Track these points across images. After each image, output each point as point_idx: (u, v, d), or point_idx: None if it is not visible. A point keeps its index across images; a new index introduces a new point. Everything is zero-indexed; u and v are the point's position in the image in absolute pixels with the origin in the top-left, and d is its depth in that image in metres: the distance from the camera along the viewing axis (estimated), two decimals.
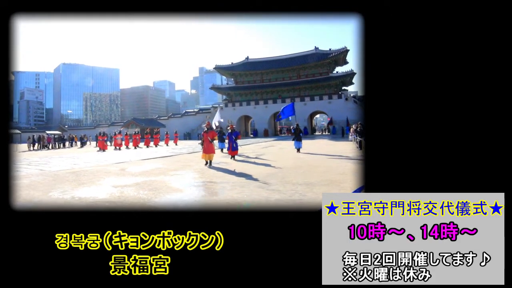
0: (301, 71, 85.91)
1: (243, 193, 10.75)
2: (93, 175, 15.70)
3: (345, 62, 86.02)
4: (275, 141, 51.20)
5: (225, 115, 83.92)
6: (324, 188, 11.27)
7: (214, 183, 12.97)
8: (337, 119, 74.98)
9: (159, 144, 50.20)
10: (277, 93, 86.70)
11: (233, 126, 25.01)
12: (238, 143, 24.59)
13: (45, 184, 12.96)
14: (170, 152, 31.33)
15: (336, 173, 14.84)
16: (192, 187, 12.06)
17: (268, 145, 39.99)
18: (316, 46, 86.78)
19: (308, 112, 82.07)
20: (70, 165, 20.27)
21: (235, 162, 20.80)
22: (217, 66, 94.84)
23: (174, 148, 39.55)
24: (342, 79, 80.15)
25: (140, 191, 11.18)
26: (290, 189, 11.22)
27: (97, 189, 11.74)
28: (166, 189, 11.57)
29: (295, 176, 14.37)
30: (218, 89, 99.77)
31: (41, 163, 22.11)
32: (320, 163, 19.04)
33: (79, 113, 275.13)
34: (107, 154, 30.30)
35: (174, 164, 20.59)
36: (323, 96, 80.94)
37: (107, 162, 22.41)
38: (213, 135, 19.86)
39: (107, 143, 43.53)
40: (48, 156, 30.62)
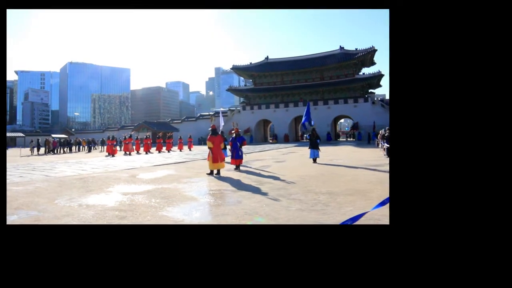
0: (325, 72, 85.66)
1: (262, 202, 10.73)
2: (102, 181, 15.79)
3: (372, 63, 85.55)
4: (296, 147, 51.09)
5: (243, 119, 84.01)
6: (348, 198, 11.19)
7: (231, 191, 12.96)
8: (363, 124, 74.77)
9: (172, 149, 50.48)
10: (299, 96, 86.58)
11: (238, 130, 23.18)
12: (245, 150, 23.79)
13: (51, 191, 13.04)
14: (183, 158, 31.44)
15: (361, 182, 14.77)
16: (207, 196, 12.07)
17: (288, 151, 39.97)
18: (341, 46, 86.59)
19: (332, 116, 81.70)
20: (77, 171, 20.39)
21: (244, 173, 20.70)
22: (235, 66, 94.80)
23: (188, 153, 39.67)
24: (369, 81, 79.66)
25: (151, 199, 11.22)
26: (312, 199, 11.17)
27: (106, 197, 11.82)
28: (180, 198, 11.59)
29: (317, 185, 14.31)
30: (236, 91, 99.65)
31: (46, 169, 22.28)
32: (344, 171, 18.99)
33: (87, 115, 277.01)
34: (117, 160, 30.46)
35: (188, 170, 20.66)
36: (348, 100, 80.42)
37: (116, 168, 22.53)
38: (221, 140, 18.98)
39: (117, 148, 43.81)
40: (53, 161, 30.91)
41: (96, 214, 9.22)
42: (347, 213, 8.80)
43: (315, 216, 8.86)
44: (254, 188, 13.61)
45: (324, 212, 9.27)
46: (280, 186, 13.91)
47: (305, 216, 8.82)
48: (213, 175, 18.05)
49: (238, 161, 21.25)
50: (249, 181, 15.58)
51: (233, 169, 20.76)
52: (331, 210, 9.56)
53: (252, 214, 9.05)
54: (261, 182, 15.36)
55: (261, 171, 19.88)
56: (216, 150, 18.25)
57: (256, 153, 37.57)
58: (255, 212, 9.34)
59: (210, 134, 18.84)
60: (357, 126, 77.18)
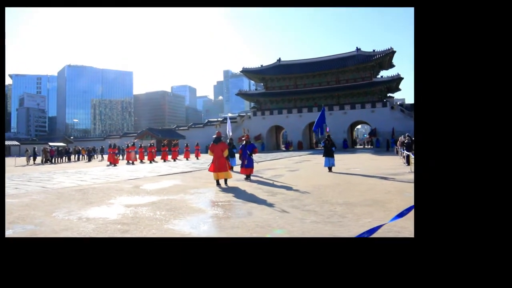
0: (341, 75, 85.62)
1: (274, 214, 10.73)
2: (103, 193, 15.86)
3: (391, 65, 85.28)
4: (310, 155, 51.10)
5: (254, 125, 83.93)
6: (366, 209, 11.19)
7: (241, 202, 12.98)
8: (382, 130, 74.56)
9: (178, 158, 50.60)
10: (313, 100, 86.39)
11: (248, 137, 23.16)
12: (255, 158, 23.72)
13: (48, 203, 13.12)
14: (190, 167, 31.56)
15: (380, 192, 14.77)
16: (216, 207, 12.08)
17: (302, 160, 39.98)
18: (358, 47, 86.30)
19: (348, 122, 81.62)
20: (77, 182, 20.52)
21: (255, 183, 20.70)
22: (245, 69, 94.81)
23: (195, 162, 39.81)
24: (387, 84, 79.41)
25: (156, 212, 11.24)
26: (328, 210, 11.18)
27: (107, 209, 11.86)
28: (186, 209, 11.62)
29: (333, 195, 14.32)
30: (246, 95, 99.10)
31: (43, 179, 22.42)
32: (362, 181, 19.02)
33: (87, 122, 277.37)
34: (119, 169, 30.65)
35: (195, 181, 20.71)
36: (365, 104, 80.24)
37: (118, 178, 22.64)
38: (225, 147, 18.74)
39: (119, 157, 43.94)
40: (51, 171, 31.10)
41: (97, 228, 9.23)
42: (365, 225, 8.79)
43: (331, 228, 8.86)
44: (265, 199, 13.61)
45: (341, 224, 9.27)
46: (294, 197, 13.92)
47: (320, 229, 8.82)
48: (221, 185, 18.05)
49: (248, 170, 21.17)
50: (261, 192, 15.59)
51: (243, 179, 20.77)
52: (348, 222, 9.56)
53: (264, 227, 9.05)
54: (273, 192, 15.37)
55: (273, 180, 19.91)
56: (216, 159, 18.14)
57: (267, 162, 37.63)
58: (267, 224, 9.35)
59: (212, 142, 18.81)
60: (375, 132, 76.99)
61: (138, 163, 41.18)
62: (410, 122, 71.36)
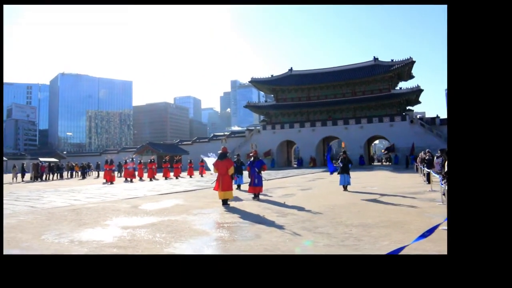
0: (357, 86, 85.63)
1: (284, 236, 10.73)
2: (98, 213, 15.90)
3: (410, 76, 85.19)
4: (324, 172, 50.96)
5: (263, 140, 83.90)
6: (384, 231, 11.21)
7: (248, 224, 12.99)
8: (400, 146, 74.36)
9: (181, 175, 50.67)
10: (327, 113, 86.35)
11: (257, 153, 22.97)
12: (264, 175, 23.40)
13: (37, 225, 13.15)
14: (194, 185, 31.61)
15: (398, 213, 14.82)
16: (221, 229, 12.12)
17: (315, 177, 39.99)
18: (375, 56, 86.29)
19: (365, 137, 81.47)
20: (69, 201, 20.58)
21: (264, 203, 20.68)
22: (254, 79, 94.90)
23: (199, 180, 39.83)
24: (406, 96, 79.36)
25: (156, 234, 11.26)
26: (342, 232, 11.19)
27: (102, 231, 11.89)
28: (189, 232, 11.64)
29: (348, 216, 14.34)
30: (255, 107, 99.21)
31: (32, 198, 22.47)
32: (379, 200, 19.09)
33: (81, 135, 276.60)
34: (116, 188, 30.71)
35: (199, 200, 20.73)
36: (383, 118, 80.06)
37: (115, 197, 22.68)
38: (230, 164, 18.77)
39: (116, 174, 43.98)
40: (41, 189, 31.24)
41: (90, 251, 9.26)
42: (383, 248, 8.79)
43: (345, 252, 8.86)
44: (275, 220, 13.62)
45: (357, 248, 9.26)
46: (306, 218, 13.92)
47: (334, 253, 8.80)
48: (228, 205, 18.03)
49: (257, 189, 21.09)
50: (270, 212, 15.60)
51: (251, 198, 20.79)
52: (364, 245, 9.56)
53: (273, 251, 9.05)
54: (283, 213, 15.37)
55: (284, 200, 19.87)
56: (220, 177, 18.21)
57: (278, 180, 37.67)
58: (277, 248, 9.34)
59: (217, 158, 18.89)
60: (392, 148, 76.82)
61: (137, 181, 41.15)
62: (430, 138, 71.58)
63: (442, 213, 12.77)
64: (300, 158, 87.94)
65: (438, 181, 18.55)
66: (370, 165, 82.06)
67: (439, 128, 75.47)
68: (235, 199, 19.32)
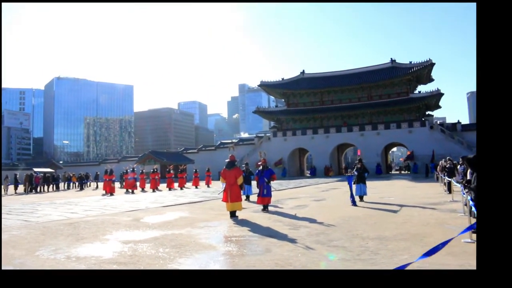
0: (373, 90, 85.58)
1: (296, 250, 10.73)
2: (97, 227, 15.92)
3: (429, 79, 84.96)
4: (338, 182, 50.92)
5: (274, 148, 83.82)
6: (402, 244, 11.23)
7: (258, 237, 13.01)
8: (420, 154, 74.31)
9: (186, 186, 50.58)
10: (342, 119, 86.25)
11: (265, 161, 22.95)
12: (273, 185, 23.35)
13: (31, 240, 13.15)
14: (199, 196, 31.69)
15: (418, 225, 14.86)
16: (229, 243, 12.14)
17: (329, 188, 39.97)
18: (393, 58, 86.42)
19: (382, 144, 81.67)
20: (66, 214, 20.61)
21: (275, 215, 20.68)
22: (263, 82, 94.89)
23: (205, 191, 39.86)
24: (426, 101, 79.30)
25: (159, 249, 11.27)
26: (358, 246, 11.21)
27: (101, 246, 11.92)
28: (194, 246, 11.65)
29: (364, 228, 14.38)
30: (265, 113, 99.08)
31: (25, 212, 22.49)
32: (397, 212, 19.15)
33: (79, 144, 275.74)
34: (116, 199, 30.75)
35: (205, 212, 20.79)
36: (401, 123, 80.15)
37: (115, 209, 22.73)
38: (239, 173, 18.75)
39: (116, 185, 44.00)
40: (35, 201, 31.20)
41: (88, 268, 9.22)
42: (401, 263, 8.75)
43: (361, 266, 8.86)
44: (286, 233, 13.64)
45: (373, 262, 9.28)
46: (319, 231, 13.94)
47: (349, 267, 8.82)
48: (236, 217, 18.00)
49: (266, 200, 21.12)
50: (281, 225, 15.63)
51: (261, 210, 20.82)
52: (381, 259, 9.57)
53: (284, 266, 9.05)
54: (295, 225, 15.40)
55: (296, 212, 19.88)
56: (228, 187, 18.17)
57: (289, 190, 37.69)
58: (288, 263, 9.35)
59: (225, 167, 18.84)
60: (412, 156, 76.73)
61: (138, 192, 41.24)
62: (451, 144, 71.68)
63: (464, 225, 12.73)
64: (313, 167, 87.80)
65: (459, 191, 18.51)
66: (387, 174, 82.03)
67: (461, 135, 75.65)
68: (244, 211, 19.30)
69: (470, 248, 10.08)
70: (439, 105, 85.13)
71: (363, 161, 25.99)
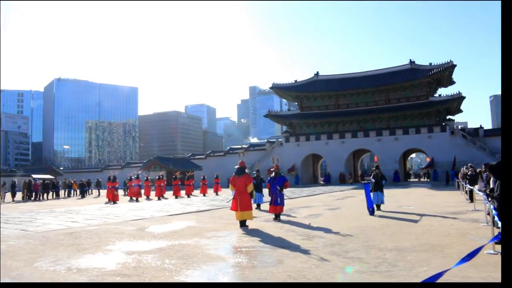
0: (391, 93, 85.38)
1: (310, 262, 10.72)
2: (99, 237, 15.98)
3: (450, 81, 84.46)
4: (354, 190, 50.87)
5: (286, 154, 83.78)
6: (421, 256, 11.20)
7: (269, 248, 13.01)
8: (440, 160, 74.23)
9: (193, 193, 50.84)
10: (358, 124, 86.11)
11: (278, 168, 22.85)
12: (286, 193, 23.27)
13: (29, 251, 13.18)
14: (208, 204, 31.74)
15: (438, 235, 14.84)
16: (238, 254, 12.13)
17: (344, 196, 40.07)
18: (412, 59, 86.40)
19: (401, 150, 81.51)
20: (66, 223, 20.70)
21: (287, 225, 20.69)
22: (275, 84, 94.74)
23: (213, 199, 39.91)
24: (446, 105, 78.90)
25: (165, 260, 11.28)
26: (375, 257, 11.19)
27: (104, 257, 11.93)
28: (202, 257, 11.65)
29: (381, 239, 14.38)
30: (277, 116, 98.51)
31: (23, 221, 22.60)
32: (416, 221, 19.13)
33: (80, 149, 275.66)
34: (119, 208, 30.87)
35: (214, 221, 20.83)
36: (420, 128, 79.89)
37: (119, 218, 22.82)
38: (249, 180, 18.63)
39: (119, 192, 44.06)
40: (34, 210, 31.38)
41: (90, 280, 9.24)
42: (421, 275, 8.79)
43: (379, 279, 8.86)
44: (299, 244, 13.62)
45: (391, 275, 9.26)
46: (334, 241, 13.94)
47: (366, 280, 8.82)
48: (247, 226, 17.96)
49: (278, 209, 21.09)
50: (293, 235, 15.62)
51: (272, 219, 20.82)
52: (399, 271, 9.55)
53: (297, 278, 9.05)
54: (308, 235, 15.40)
55: (310, 221, 19.87)
56: (238, 195, 18.09)
57: (302, 198, 37.74)
58: (302, 275, 9.34)
59: (234, 174, 18.79)
60: (432, 162, 76.66)
61: (143, 200, 41.35)
62: (473, 151, 71.48)
63: (487, 235, 12.72)
64: (327, 174, 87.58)
65: (482, 200, 18.48)
66: (406, 181, 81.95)
67: (483, 140, 75.34)
68: (254, 220, 19.30)
69: (493, 260, 10.06)
70: (460, 109, 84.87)
71: (380, 168, 25.87)
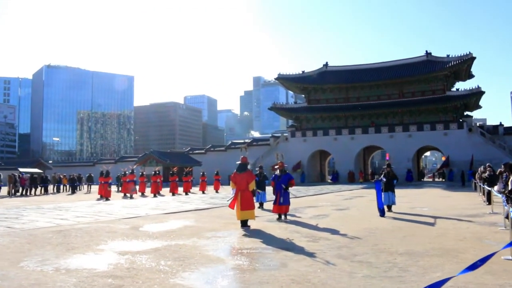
0: (405, 86, 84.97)
1: (315, 265, 10.76)
2: (90, 236, 16.00)
3: (469, 75, 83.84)
4: (364, 189, 50.94)
5: (292, 150, 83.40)
6: (434, 261, 11.22)
7: (272, 250, 13.05)
8: (456, 159, 73.96)
9: (191, 190, 50.99)
10: (369, 119, 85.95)
11: (283, 165, 22.46)
12: (292, 192, 23.35)
13: (15, 250, 13.21)
14: (207, 203, 31.88)
15: (452, 239, 14.87)
16: (239, 256, 12.17)
17: (353, 195, 40.24)
18: (428, 51, 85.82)
19: (414, 148, 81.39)
20: (55, 221, 20.73)
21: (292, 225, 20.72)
22: (281, 75, 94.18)
23: (213, 197, 40.08)
24: (464, 100, 78.43)
25: (160, 261, 11.31)
26: (385, 261, 11.22)
27: (95, 258, 11.95)
28: (200, 259, 11.67)
29: (392, 242, 14.41)
30: (282, 109, 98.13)
31: (9, 217, 22.62)
32: (430, 224, 19.18)
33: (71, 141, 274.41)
34: (112, 205, 30.96)
35: (213, 221, 20.93)
36: (436, 125, 79.50)
37: (111, 216, 22.90)
38: (251, 178, 18.68)
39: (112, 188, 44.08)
40: (20, 206, 31.45)
41: (80, 282, 9.23)
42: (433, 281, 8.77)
43: (389, 285, 8.89)
44: (304, 246, 13.66)
45: (402, 280, 9.28)
46: (341, 244, 13.98)
47: (375, 286, 8.85)
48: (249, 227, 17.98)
49: (283, 208, 21.05)
50: (298, 236, 15.67)
51: (276, 219, 20.86)
52: (411, 277, 9.57)
53: (301, 283, 9.06)
54: (314, 237, 15.45)
55: (316, 222, 19.98)
56: (239, 193, 18.02)
57: (308, 197, 37.91)
58: (306, 279, 9.36)
59: (235, 170, 18.80)
60: (447, 161, 76.52)
61: (138, 197, 41.40)
62: (492, 149, 71.31)
63: (505, 240, 12.71)
64: (335, 171, 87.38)
65: (500, 202, 18.46)
66: (419, 181, 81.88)
67: (503, 138, 75.38)
68: (257, 220, 19.34)
69: (511, 266, 10.08)
70: (479, 105, 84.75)
71: (392, 166, 25.74)
